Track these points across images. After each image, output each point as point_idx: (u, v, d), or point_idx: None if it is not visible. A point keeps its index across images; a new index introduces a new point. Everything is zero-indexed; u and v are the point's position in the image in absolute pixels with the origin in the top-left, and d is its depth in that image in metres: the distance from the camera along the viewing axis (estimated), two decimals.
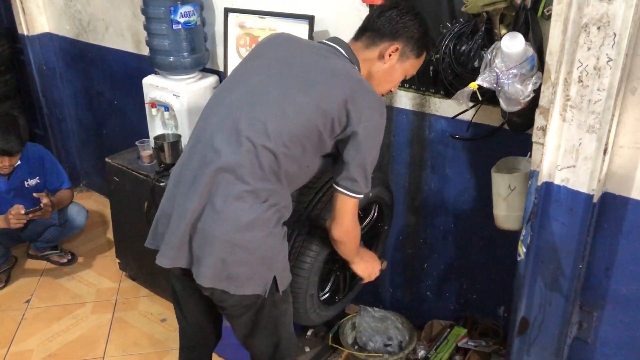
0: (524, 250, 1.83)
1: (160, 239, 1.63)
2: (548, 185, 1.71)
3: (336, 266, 2.21)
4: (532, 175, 1.77)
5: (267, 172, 1.53)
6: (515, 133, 2.05)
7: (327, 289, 2.20)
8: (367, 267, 1.97)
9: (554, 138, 1.65)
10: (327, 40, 1.71)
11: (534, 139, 1.73)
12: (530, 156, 1.79)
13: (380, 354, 2.39)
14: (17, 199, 3.00)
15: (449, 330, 2.52)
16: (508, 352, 2.03)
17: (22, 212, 2.84)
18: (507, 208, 1.95)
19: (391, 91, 1.79)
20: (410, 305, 2.72)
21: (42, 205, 2.90)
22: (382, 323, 2.56)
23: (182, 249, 1.57)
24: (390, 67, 1.70)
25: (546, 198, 1.72)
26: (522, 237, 1.84)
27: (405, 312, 2.67)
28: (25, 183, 3.06)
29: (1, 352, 2.71)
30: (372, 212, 2.26)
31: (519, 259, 1.87)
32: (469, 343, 2.40)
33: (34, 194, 2.98)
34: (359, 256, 1.91)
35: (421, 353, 2.48)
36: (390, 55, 1.67)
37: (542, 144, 1.68)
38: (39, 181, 3.10)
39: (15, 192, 3.03)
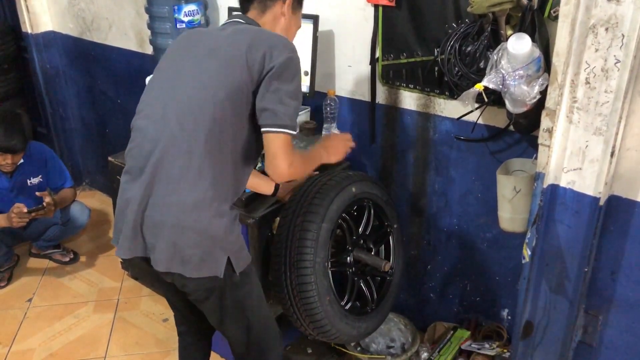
0: (529, 253, 1.81)
1: (120, 234, 1.66)
2: (554, 187, 1.69)
3: (350, 270, 2.19)
4: (538, 177, 1.75)
5: (206, 151, 1.54)
6: (521, 135, 2.03)
7: (347, 297, 2.18)
8: (332, 156, 1.92)
9: (561, 140, 1.63)
10: (229, 18, 1.82)
11: (540, 140, 1.72)
12: (536, 158, 1.78)
13: (383, 356, 2.38)
14: (20, 197, 2.99)
15: (452, 332, 2.50)
16: (512, 356, 2.02)
17: (25, 211, 2.84)
18: (512, 210, 1.93)
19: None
20: (413, 307, 2.70)
21: (44, 204, 2.90)
22: (385, 325, 2.55)
23: (137, 238, 1.60)
24: (289, 19, 1.78)
25: (552, 200, 1.71)
26: (527, 240, 1.82)
27: (408, 314, 2.66)
28: (28, 181, 3.05)
29: (3, 351, 2.70)
30: (367, 210, 2.24)
31: (523, 261, 1.86)
32: (472, 346, 2.38)
33: (37, 193, 2.98)
34: (321, 156, 1.88)
35: (424, 355, 2.46)
36: (284, 13, 1.76)
37: (548, 146, 1.67)
38: (41, 180, 3.09)
39: (18, 190, 3.02)
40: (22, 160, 2.97)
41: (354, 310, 2.16)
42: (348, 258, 2.20)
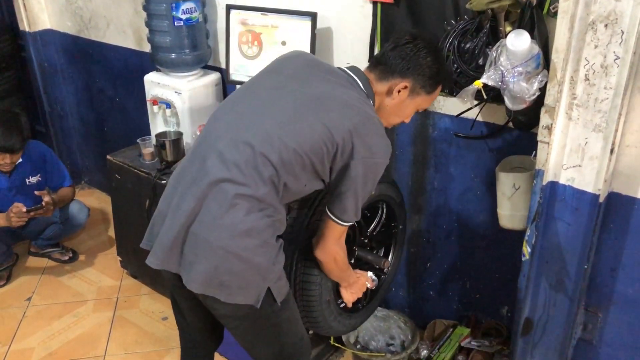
0: (529, 250, 1.81)
1: (155, 239, 1.61)
2: (553, 184, 1.69)
3: None
4: (537, 174, 1.75)
5: (267, 183, 1.50)
6: (520, 132, 2.03)
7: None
8: (350, 295, 1.98)
9: (560, 137, 1.63)
10: (347, 68, 1.71)
11: (539, 137, 1.71)
12: (535, 155, 1.77)
13: (383, 354, 2.37)
14: (19, 196, 2.98)
15: (451, 329, 2.50)
16: (512, 353, 2.02)
17: (24, 210, 2.83)
18: (511, 207, 1.93)
19: (404, 122, 1.79)
20: (413, 304, 2.70)
21: (43, 203, 2.89)
22: (385, 322, 2.55)
23: (173, 251, 1.54)
24: (400, 102, 1.69)
25: (551, 198, 1.71)
26: (526, 237, 1.82)
27: (408, 311, 2.66)
28: (27, 181, 3.04)
29: (2, 350, 2.70)
30: (380, 211, 2.21)
31: (523, 259, 1.86)
32: (472, 343, 2.38)
33: (36, 192, 2.97)
34: (346, 282, 1.93)
35: (424, 353, 2.46)
36: (399, 92, 1.66)
37: (548, 143, 1.67)
38: (40, 179, 3.08)
39: (17, 189, 3.02)
40: (20, 160, 2.96)
41: (346, 307, 2.13)
42: (352, 258, 2.14)
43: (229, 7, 2.54)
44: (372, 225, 2.21)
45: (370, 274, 2.06)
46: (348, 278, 1.92)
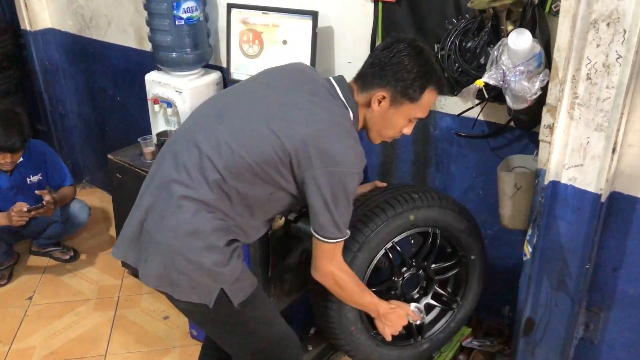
0: (530, 250, 1.81)
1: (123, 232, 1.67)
2: (555, 184, 1.68)
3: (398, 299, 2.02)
4: (539, 174, 1.75)
5: (213, 187, 1.49)
6: (521, 131, 2.02)
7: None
8: (385, 327, 1.82)
9: (562, 136, 1.62)
10: (333, 77, 1.64)
11: (540, 137, 1.71)
12: (537, 154, 1.77)
13: None
14: (19, 196, 2.98)
15: None
16: (513, 352, 2.01)
17: (25, 209, 2.83)
18: (512, 207, 1.93)
19: (404, 134, 1.67)
20: None
21: (44, 202, 2.89)
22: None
23: (132, 244, 1.60)
24: (383, 113, 1.58)
25: (553, 197, 1.70)
26: (528, 237, 1.81)
27: None
28: (28, 180, 3.04)
29: (3, 349, 2.70)
30: (431, 239, 1.99)
31: (524, 258, 1.85)
32: (473, 342, 2.37)
33: (36, 192, 2.96)
34: (372, 311, 1.80)
35: None
36: (378, 103, 1.57)
37: (549, 142, 1.66)
38: (41, 178, 3.08)
39: (18, 189, 3.01)
40: (21, 159, 2.96)
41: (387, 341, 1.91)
42: (392, 291, 2.03)
43: (230, 6, 2.53)
44: (423, 255, 2.03)
45: (414, 305, 1.92)
46: (371, 306, 1.78)
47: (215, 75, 2.80)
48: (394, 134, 1.66)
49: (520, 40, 1.65)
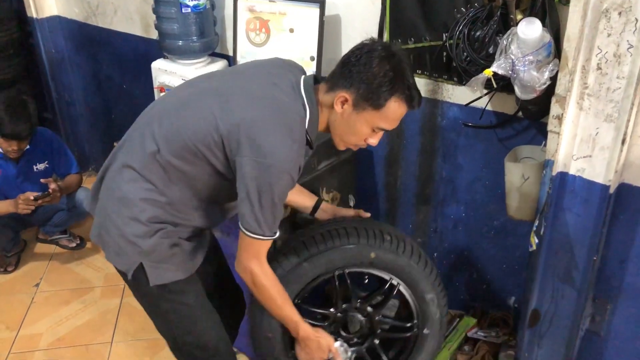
0: (536, 241, 1.80)
1: None
2: (563, 175, 1.67)
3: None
4: (547, 164, 1.73)
5: (149, 158, 1.50)
6: (530, 121, 2.01)
7: None
8: (304, 355, 1.72)
9: (570, 127, 1.60)
10: (305, 75, 1.58)
11: (549, 127, 1.69)
12: (545, 145, 1.75)
13: None
14: (26, 183, 2.99)
15: (458, 320, 2.49)
16: (518, 344, 2.01)
17: (31, 198, 2.84)
18: (520, 198, 1.92)
19: (369, 144, 1.56)
20: None
21: (50, 190, 2.89)
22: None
23: (94, 199, 1.68)
24: (345, 117, 1.49)
25: (561, 188, 1.69)
26: (534, 228, 1.80)
27: None
28: (34, 167, 3.05)
29: (10, 335, 2.72)
30: (383, 288, 1.81)
31: (530, 249, 1.84)
32: (478, 333, 2.37)
33: (42, 180, 2.97)
34: (291, 329, 1.67)
35: None
36: (341, 104, 1.48)
37: (558, 133, 1.64)
38: (47, 166, 3.09)
39: (24, 176, 3.02)
40: (28, 147, 2.96)
41: None
42: (327, 321, 1.86)
43: None
44: (374, 303, 1.85)
45: (340, 343, 1.73)
46: (290, 323, 1.65)
47: (221, 64, 2.78)
48: (357, 141, 1.55)
49: (529, 30, 1.63)
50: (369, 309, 1.87)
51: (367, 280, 1.88)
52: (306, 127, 1.49)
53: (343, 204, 2.43)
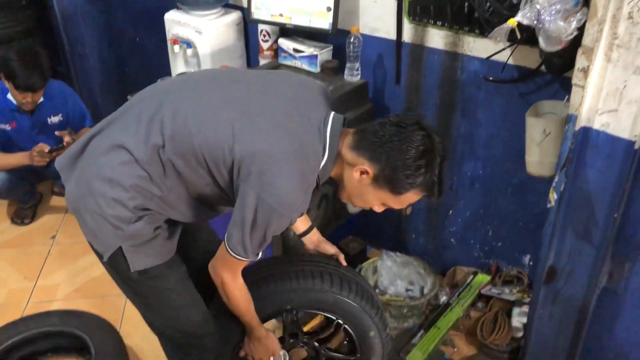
0: (556, 197, 1.76)
1: None
2: (586, 130, 1.62)
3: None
4: (570, 119, 1.68)
5: (150, 149, 1.40)
6: (553, 75, 1.95)
7: None
8: (251, 350, 1.77)
9: (597, 80, 1.55)
10: (334, 115, 1.47)
11: (574, 81, 1.63)
12: (569, 100, 1.70)
13: (401, 299, 2.38)
14: (41, 136, 2.99)
15: (472, 277, 2.49)
16: (533, 301, 2.00)
17: (46, 150, 2.84)
18: (540, 154, 1.88)
19: (372, 208, 1.52)
20: (433, 251, 2.69)
21: (64, 143, 2.89)
22: (404, 268, 2.54)
23: (72, 160, 1.51)
24: (361, 186, 1.44)
25: (583, 143, 1.64)
26: (554, 184, 1.77)
27: (428, 258, 2.65)
28: (49, 120, 3.04)
29: (29, 285, 2.77)
30: (328, 328, 1.87)
31: (548, 206, 1.81)
32: (492, 290, 2.37)
33: (56, 133, 2.97)
34: (250, 330, 1.71)
35: (443, 299, 2.46)
36: (360, 174, 1.41)
37: (583, 87, 1.59)
38: (62, 119, 3.08)
39: (39, 129, 3.02)
40: (42, 99, 2.95)
41: None
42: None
43: None
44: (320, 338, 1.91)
45: (282, 352, 1.82)
46: (250, 323, 1.68)
47: (235, 15, 2.73)
48: (363, 206, 1.52)
49: None
50: (315, 344, 1.93)
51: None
52: (319, 172, 1.44)
53: None
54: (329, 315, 1.81)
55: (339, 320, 1.82)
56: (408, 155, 1.35)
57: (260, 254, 1.48)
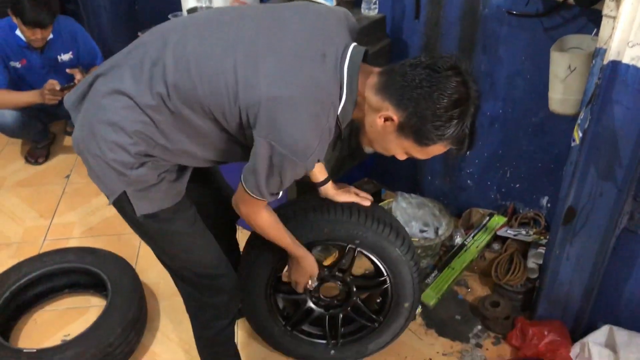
0: (580, 135, 1.71)
1: None
2: (615, 64, 1.55)
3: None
4: (598, 53, 1.61)
5: (154, 96, 1.33)
6: (580, 8, 1.85)
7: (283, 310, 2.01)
8: (294, 273, 1.78)
9: (629, 9, 1.47)
10: (355, 47, 1.35)
11: (604, 11, 1.56)
12: (597, 34, 1.63)
13: (416, 239, 2.36)
14: (51, 74, 2.95)
15: (488, 218, 2.46)
16: (550, 242, 1.98)
17: (57, 88, 2.80)
18: (564, 90, 1.81)
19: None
20: (448, 193, 2.65)
21: (76, 81, 2.86)
22: (420, 209, 2.52)
23: (79, 99, 1.44)
24: (384, 133, 1.33)
25: (611, 79, 1.57)
26: (579, 121, 1.71)
27: (444, 200, 2.62)
28: (59, 58, 3.00)
29: (45, 223, 2.79)
30: (342, 256, 1.85)
31: (572, 144, 1.76)
32: (508, 232, 2.35)
33: (67, 70, 2.93)
34: (290, 251, 1.68)
35: (457, 240, 2.45)
36: (384, 120, 1.31)
37: (614, 17, 1.51)
38: (72, 56, 3.03)
39: (50, 67, 2.98)
40: (51, 36, 2.90)
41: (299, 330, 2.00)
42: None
43: None
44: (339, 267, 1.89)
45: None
46: (287, 248, 1.66)
47: None
48: (384, 153, 1.42)
49: None
50: (338, 273, 1.91)
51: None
52: (338, 114, 1.34)
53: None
54: (341, 243, 1.80)
55: (351, 245, 1.80)
56: (439, 105, 1.23)
57: (280, 194, 1.43)
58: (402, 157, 1.41)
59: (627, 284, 1.94)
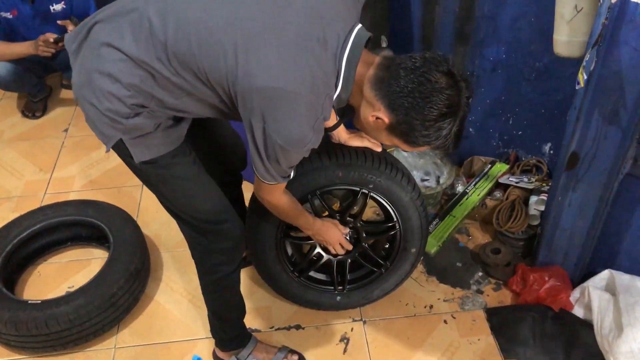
0: (585, 77, 1.67)
1: None
2: (623, 3, 1.50)
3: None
4: None
5: (153, 59, 1.30)
6: None
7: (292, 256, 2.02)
8: (330, 244, 1.82)
9: None
10: (357, 33, 1.32)
11: None
12: None
13: None
14: (44, 26, 2.89)
15: (489, 166, 2.45)
16: (553, 188, 1.96)
17: (51, 40, 2.75)
18: (569, 32, 1.76)
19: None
20: None
21: (69, 33, 2.79)
22: (421, 158, 2.50)
23: (78, 40, 1.39)
24: (375, 128, 1.38)
25: (619, 19, 1.52)
26: (584, 63, 1.67)
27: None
28: (51, 8, 2.92)
29: (45, 176, 2.78)
30: (351, 199, 1.85)
31: (577, 87, 1.72)
32: (510, 179, 2.33)
33: (58, 22, 2.86)
34: (307, 229, 1.74)
35: (459, 188, 2.44)
36: (374, 118, 1.34)
37: None
38: (64, 6, 2.95)
39: (41, 18, 2.91)
40: None
41: (305, 276, 2.01)
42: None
43: None
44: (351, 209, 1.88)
45: (347, 232, 1.86)
46: (306, 225, 1.72)
47: None
48: (375, 140, 1.53)
49: None
50: (349, 218, 1.90)
51: None
52: (333, 102, 1.36)
53: (373, 45, 2.29)
54: (353, 188, 1.80)
55: (364, 190, 1.79)
56: (429, 116, 1.27)
57: (292, 174, 1.48)
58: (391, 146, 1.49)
59: (629, 230, 1.94)
